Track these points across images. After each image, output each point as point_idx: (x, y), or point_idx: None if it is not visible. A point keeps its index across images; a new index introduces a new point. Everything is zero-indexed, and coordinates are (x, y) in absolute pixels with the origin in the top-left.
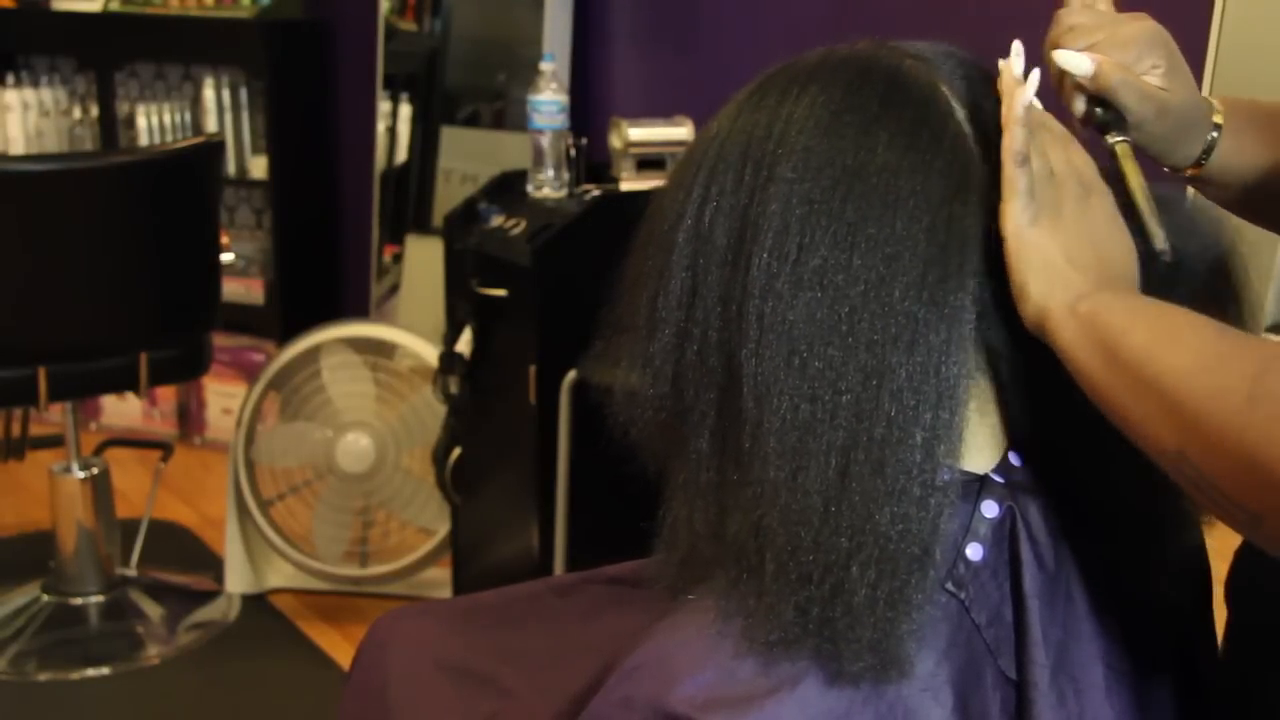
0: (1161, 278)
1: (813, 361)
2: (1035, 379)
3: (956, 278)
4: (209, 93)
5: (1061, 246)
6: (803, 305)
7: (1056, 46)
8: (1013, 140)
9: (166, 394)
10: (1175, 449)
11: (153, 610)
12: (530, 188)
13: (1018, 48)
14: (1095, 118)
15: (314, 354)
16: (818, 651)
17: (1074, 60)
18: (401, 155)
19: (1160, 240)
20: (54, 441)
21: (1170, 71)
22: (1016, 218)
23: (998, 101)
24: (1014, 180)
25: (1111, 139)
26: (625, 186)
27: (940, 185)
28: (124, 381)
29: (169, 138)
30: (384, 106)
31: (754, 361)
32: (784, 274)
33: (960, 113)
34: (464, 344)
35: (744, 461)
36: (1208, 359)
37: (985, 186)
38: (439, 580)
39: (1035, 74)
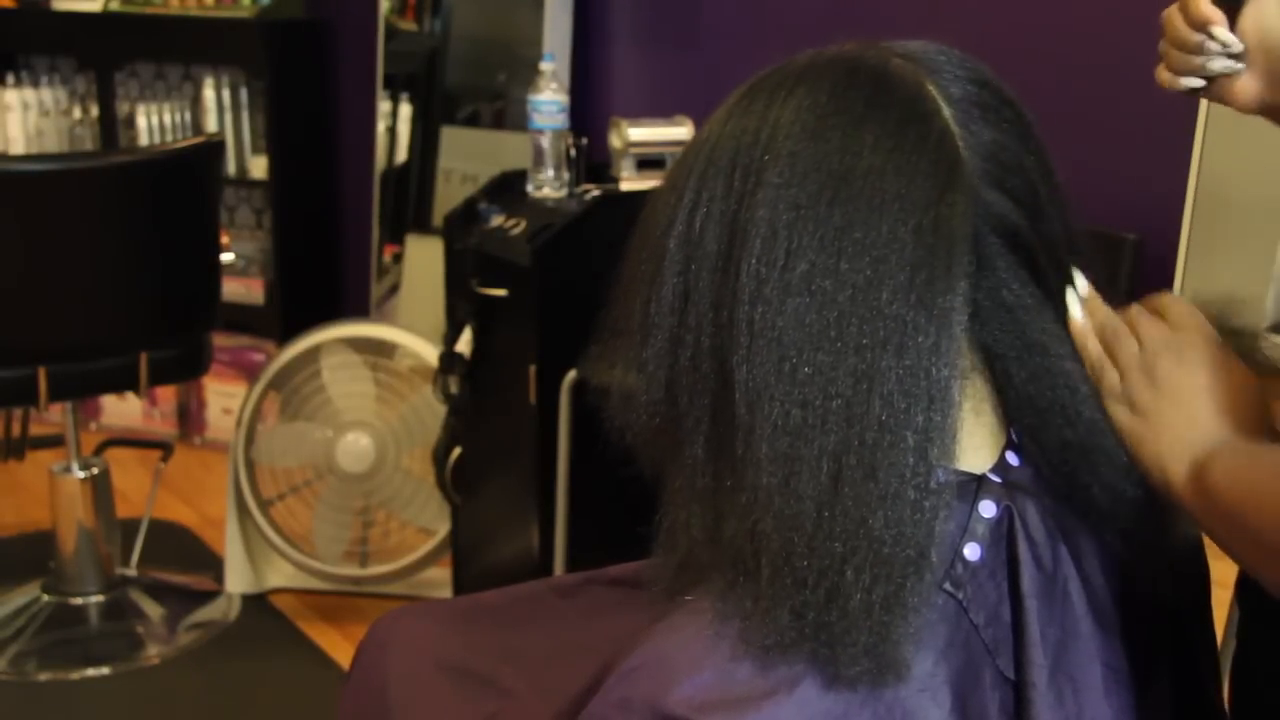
0: None
1: (802, 367)
2: (1032, 378)
3: (945, 279)
4: (209, 93)
5: (1164, 418)
6: (791, 311)
7: None
8: (1084, 353)
9: (166, 394)
10: None
11: (153, 610)
12: (530, 188)
13: (1081, 290)
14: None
15: (314, 354)
16: (814, 656)
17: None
18: (401, 155)
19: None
20: (54, 441)
21: None
22: (1116, 415)
23: (991, 101)
24: (1100, 386)
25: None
26: (625, 186)
27: (926, 187)
28: (124, 381)
29: (169, 138)
30: (384, 106)
31: (745, 368)
32: (772, 280)
33: (947, 112)
34: (464, 344)
35: (737, 467)
36: None
37: (973, 185)
38: (439, 580)
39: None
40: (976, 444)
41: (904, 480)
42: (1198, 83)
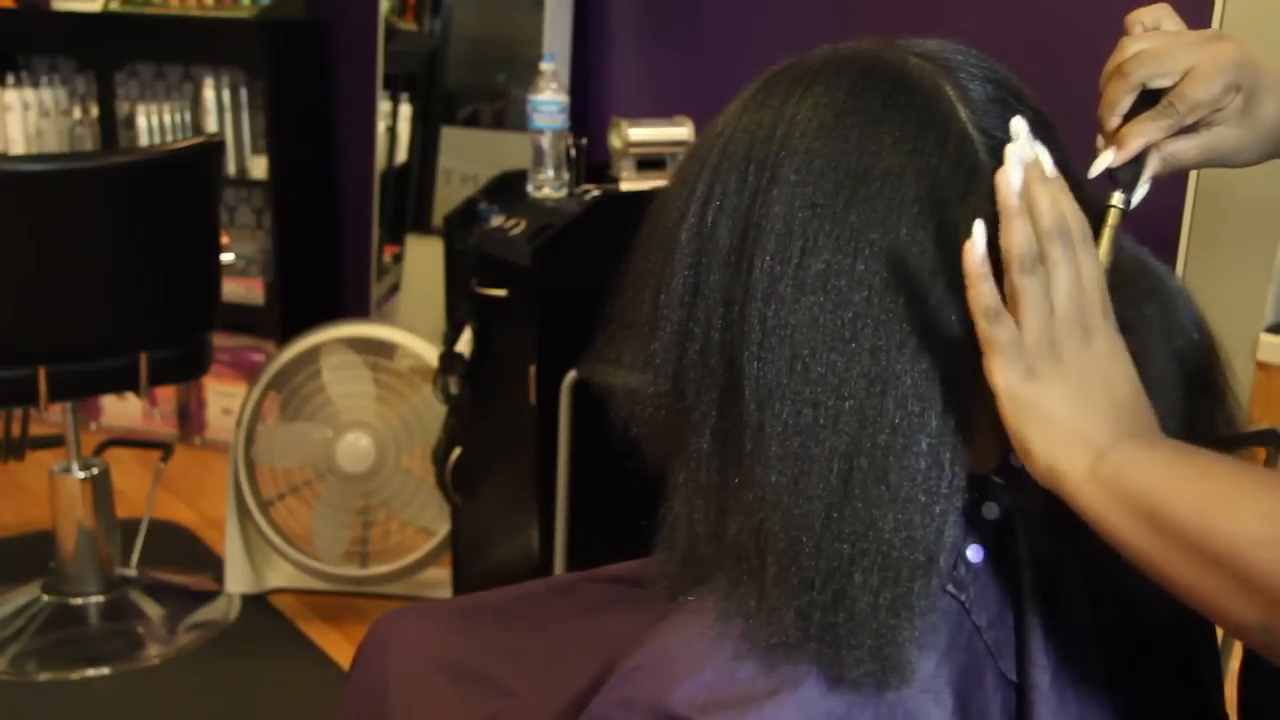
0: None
1: (815, 366)
2: None
3: (962, 283)
4: (209, 93)
5: (1064, 398)
6: (805, 309)
7: (1124, 74)
8: (976, 296)
9: (166, 394)
10: (1260, 624)
11: (153, 610)
12: (530, 188)
13: (1014, 153)
14: (1115, 172)
15: (314, 354)
16: (818, 657)
17: (1101, 161)
18: (401, 155)
19: None
20: (54, 441)
21: (1250, 97)
22: (1004, 375)
23: (1010, 105)
24: (991, 338)
25: (1111, 200)
26: (625, 186)
27: (944, 190)
28: (124, 381)
29: (169, 138)
30: (384, 106)
31: (755, 365)
32: (786, 277)
33: (964, 113)
34: (464, 344)
35: (745, 464)
36: (1277, 526)
37: (991, 190)
38: (439, 580)
39: (1014, 210)
40: (980, 445)
41: (915, 484)
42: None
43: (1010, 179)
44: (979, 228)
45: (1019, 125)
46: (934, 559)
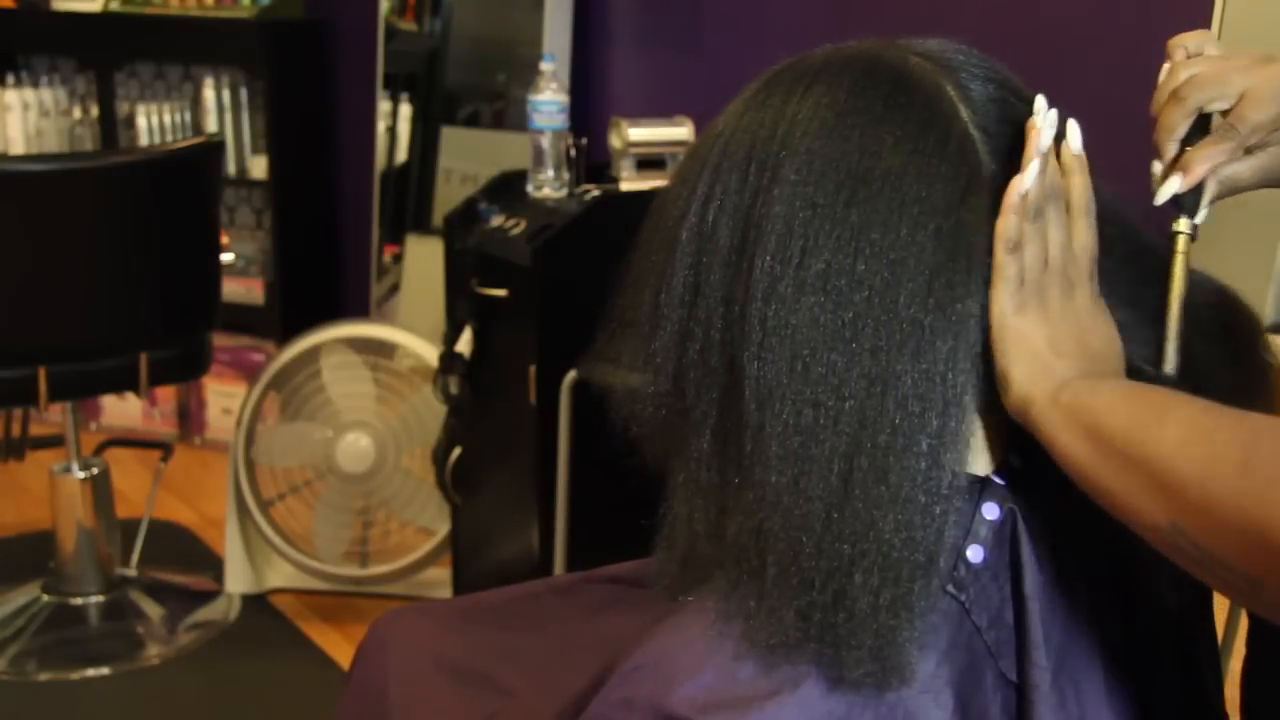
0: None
1: (815, 367)
2: None
3: (964, 285)
4: (209, 93)
5: (1046, 336)
6: (805, 310)
7: (1180, 98)
8: (1005, 227)
9: (166, 394)
10: (1167, 522)
11: (153, 610)
12: (530, 188)
13: (1047, 117)
14: (1179, 198)
15: (314, 354)
16: (818, 658)
17: (1168, 188)
18: (401, 155)
19: (1171, 364)
20: (54, 441)
21: None
22: (1002, 304)
23: (1011, 105)
24: (1003, 266)
25: (1177, 226)
26: (625, 186)
27: (946, 190)
28: (124, 381)
29: (169, 138)
30: (384, 106)
31: (756, 364)
32: (787, 277)
33: (965, 113)
34: (464, 344)
35: (745, 464)
36: (1196, 432)
37: (994, 190)
38: (439, 580)
39: (1038, 158)
40: (980, 446)
41: (915, 484)
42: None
43: (1043, 135)
44: (1034, 166)
45: (1041, 100)
46: (934, 559)
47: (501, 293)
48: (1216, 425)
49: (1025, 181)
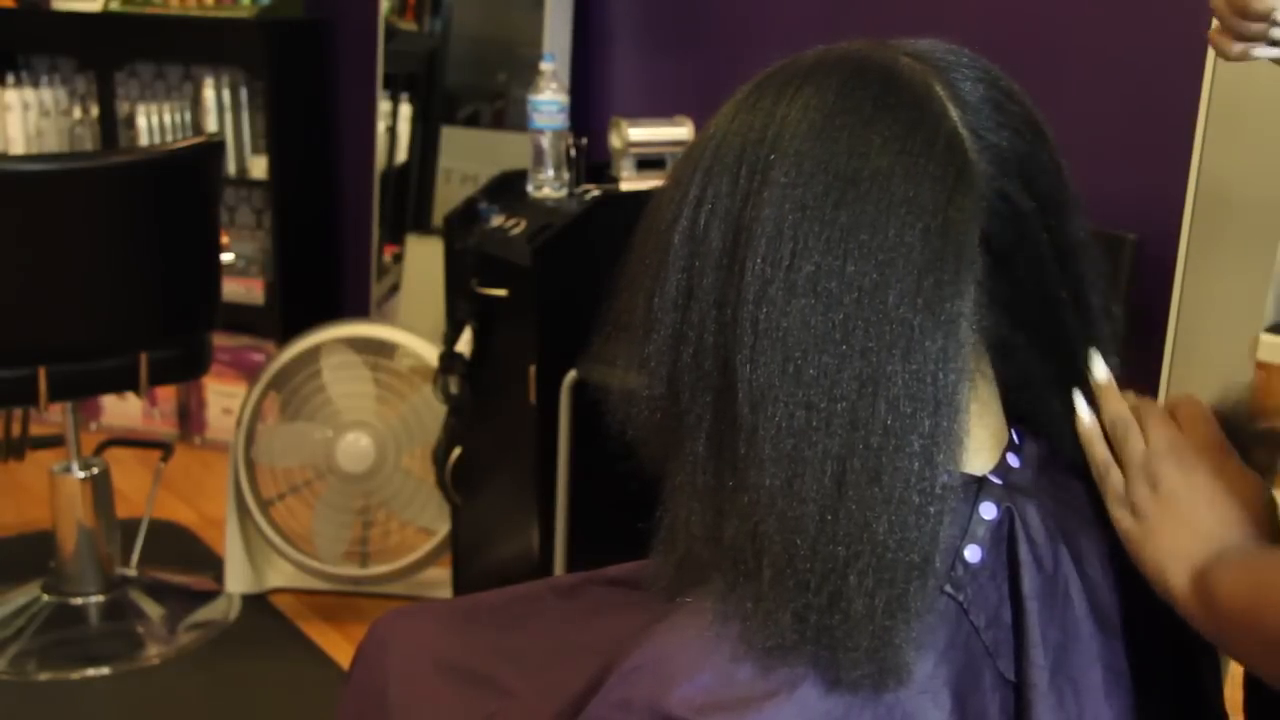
0: None
1: (807, 369)
2: (1034, 380)
3: (953, 284)
4: (209, 93)
5: (1165, 529)
6: (796, 312)
7: None
8: (1095, 456)
9: (166, 394)
10: None
11: (153, 610)
12: (530, 188)
13: (1102, 375)
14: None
15: (314, 354)
16: (815, 659)
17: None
18: (401, 155)
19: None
20: (54, 441)
21: None
22: (1116, 519)
23: (1003, 105)
24: (1106, 488)
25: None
26: (625, 186)
27: (935, 190)
28: (124, 381)
29: (169, 138)
30: (384, 106)
31: (748, 368)
32: (777, 280)
33: (955, 113)
34: (464, 344)
35: (740, 467)
36: None
37: (982, 189)
38: (439, 580)
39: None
40: (977, 445)
41: (909, 485)
42: (1276, 52)
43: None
44: (1083, 406)
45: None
46: (929, 560)
47: (501, 293)
48: None
49: (1085, 418)
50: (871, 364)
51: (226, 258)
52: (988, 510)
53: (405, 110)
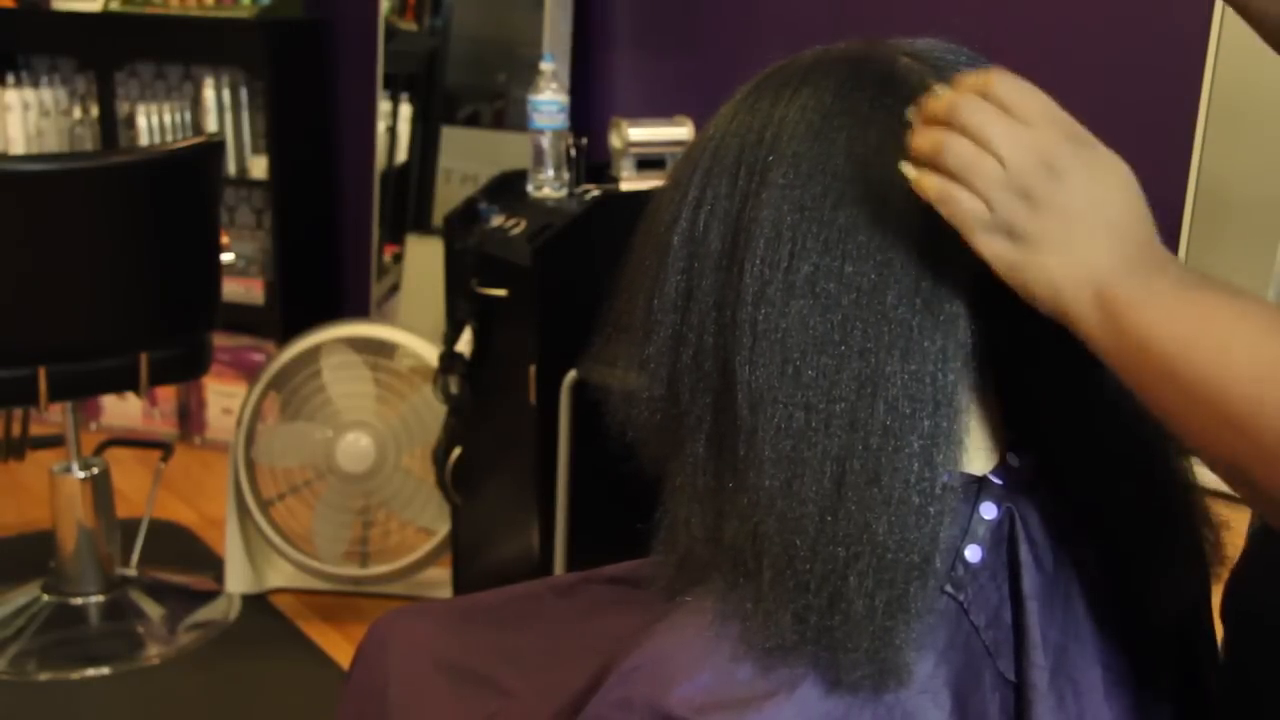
0: None
1: (806, 370)
2: (1033, 380)
3: (950, 283)
4: (209, 93)
5: (1055, 245)
6: (795, 313)
7: None
8: (926, 189)
9: (166, 394)
10: (1228, 461)
11: (153, 610)
12: (530, 188)
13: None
14: None
15: (314, 354)
16: (815, 660)
17: None
18: (401, 155)
19: None
20: (54, 441)
21: None
22: (989, 247)
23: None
24: (957, 218)
25: None
26: (625, 186)
27: None
28: (124, 381)
29: (169, 138)
30: (384, 106)
31: (748, 369)
32: (776, 281)
33: None
34: (464, 344)
35: (739, 468)
36: (1269, 369)
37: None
38: (439, 580)
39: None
40: (978, 445)
41: (908, 485)
42: None
43: (939, 98)
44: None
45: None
46: (929, 560)
47: (501, 293)
48: None
49: (916, 141)
50: (870, 364)
51: (226, 258)
52: (988, 510)
53: (405, 110)
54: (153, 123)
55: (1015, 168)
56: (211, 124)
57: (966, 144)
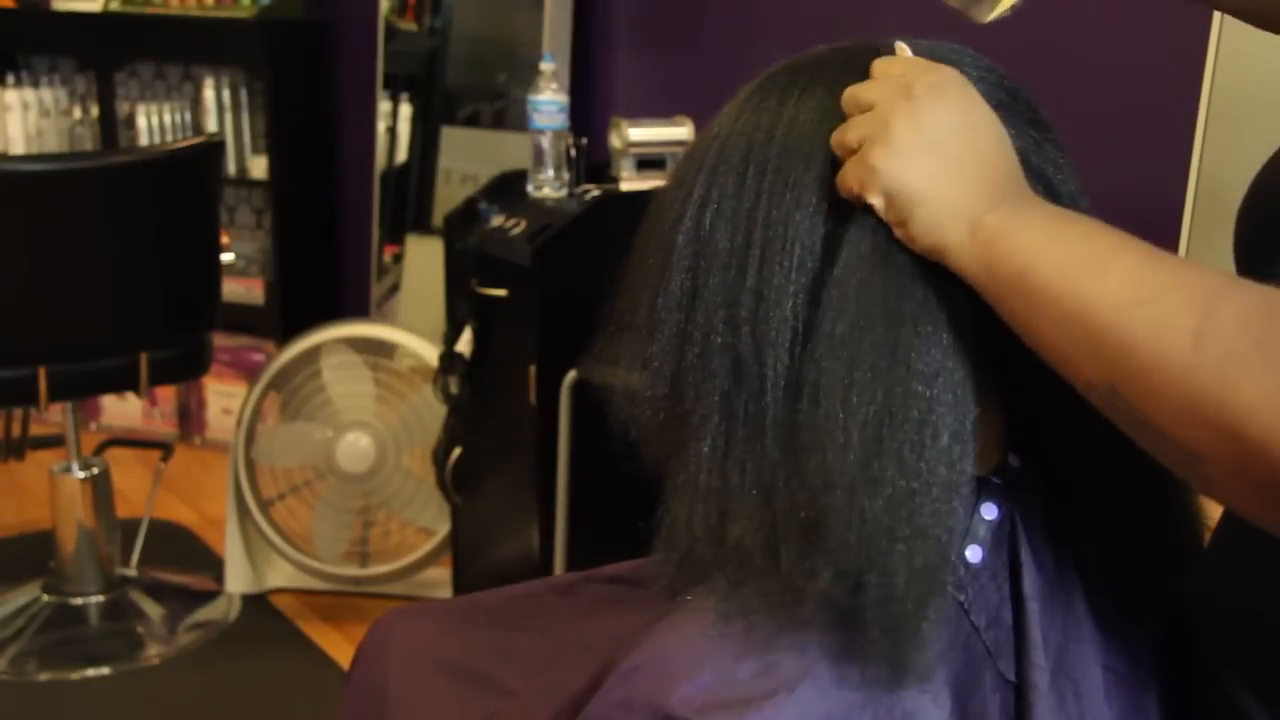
0: None
1: (860, 364)
2: (1033, 381)
3: (953, 278)
4: (209, 93)
5: (921, 174)
6: (838, 306)
7: None
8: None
9: (166, 394)
10: (1104, 385)
11: (153, 610)
12: (530, 188)
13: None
14: None
15: (314, 354)
16: (830, 657)
17: None
18: (401, 155)
19: None
20: (54, 441)
21: None
22: (878, 203)
23: (1007, 101)
24: (859, 188)
25: None
26: (625, 186)
27: None
28: (124, 381)
29: (169, 138)
30: (384, 106)
31: (807, 366)
32: (803, 279)
33: None
34: (464, 344)
35: (763, 466)
36: (1143, 289)
37: None
38: (439, 580)
39: None
40: (979, 445)
41: (926, 484)
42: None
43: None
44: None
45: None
46: (945, 559)
47: (501, 293)
48: (1168, 284)
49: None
50: (884, 364)
51: (226, 258)
52: (989, 510)
53: (405, 110)
54: (153, 123)
55: (903, 83)
56: (211, 124)
57: (859, 117)
